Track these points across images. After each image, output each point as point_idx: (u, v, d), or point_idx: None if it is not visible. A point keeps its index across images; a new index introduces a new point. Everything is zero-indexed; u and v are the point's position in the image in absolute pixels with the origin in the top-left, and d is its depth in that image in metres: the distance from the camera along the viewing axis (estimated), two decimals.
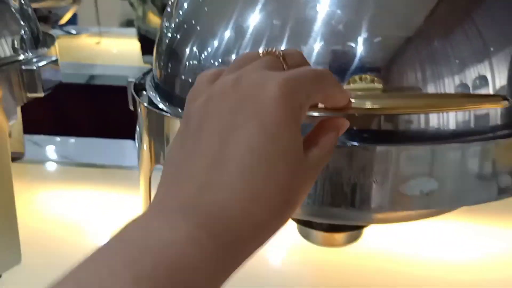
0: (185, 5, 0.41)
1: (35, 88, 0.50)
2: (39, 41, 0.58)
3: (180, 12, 0.42)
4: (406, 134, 0.30)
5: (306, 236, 0.48)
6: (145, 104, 0.39)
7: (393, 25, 0.32)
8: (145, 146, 0.40)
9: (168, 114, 0.37)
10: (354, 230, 0.46)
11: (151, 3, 1.26)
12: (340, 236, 0.46)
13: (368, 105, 0.26)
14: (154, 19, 1.29)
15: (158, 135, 0.38)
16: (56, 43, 0.60)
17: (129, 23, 2.02)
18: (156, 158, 0.39)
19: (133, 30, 1.48)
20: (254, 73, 0.24)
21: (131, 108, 0.46)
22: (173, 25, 0.41)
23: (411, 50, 0.32)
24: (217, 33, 0.36)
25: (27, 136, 0.83)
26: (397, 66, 0.31)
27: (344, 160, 0.30)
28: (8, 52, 0.53)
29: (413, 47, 0.32)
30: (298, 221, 0.47)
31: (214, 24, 0.37)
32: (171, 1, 0.44)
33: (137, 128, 0.42)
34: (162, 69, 0.42)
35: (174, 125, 0.36)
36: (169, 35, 0.41)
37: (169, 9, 0.44)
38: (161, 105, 0.39)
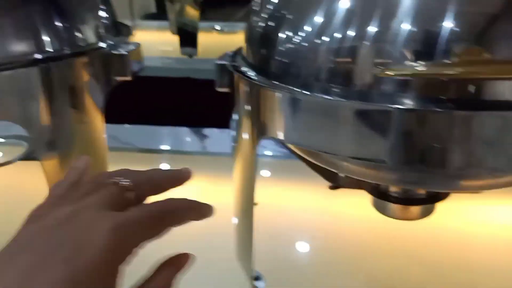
0: None
1: (124, 72, 0.54)
2: (119, 29, 0.61)
3: (269, 6, 0.44)
4: (492, 103, 0.32)
5: (381, 210, 0.51)
6: (248, 77, 0.42)
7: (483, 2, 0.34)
8: (246, 122, 0.43)
9: (268, 86, 0.40)
10: (428, 203, 0.49)
11: None
12: (415, 210, 0.49)
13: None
14: (191, 12, 1.33)
15: (257, 109, 0.42)
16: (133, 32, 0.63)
17: (147, 17, 2.06)
18: (259, 131, 0.42)
19: (162, 23, 1.52)
20: (89, 211, 0.24)
21: (220, 89, 0.50)
22: (263, 16, 0.44)
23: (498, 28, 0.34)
24: (307, 17, 0.40)
25: None
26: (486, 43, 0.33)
27: (439, 124, 0.32)
28: (93, 39, 0.56)
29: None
30: (374, 194, 0.50)
31: (304, 10, 0.40)
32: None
33: (238, 106, 0.45)
34: (255, 53, 0.45)
35: (272, 98, 0.40)
36: (261, 24, 0.44)
37: (255, 7, 0.47)
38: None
